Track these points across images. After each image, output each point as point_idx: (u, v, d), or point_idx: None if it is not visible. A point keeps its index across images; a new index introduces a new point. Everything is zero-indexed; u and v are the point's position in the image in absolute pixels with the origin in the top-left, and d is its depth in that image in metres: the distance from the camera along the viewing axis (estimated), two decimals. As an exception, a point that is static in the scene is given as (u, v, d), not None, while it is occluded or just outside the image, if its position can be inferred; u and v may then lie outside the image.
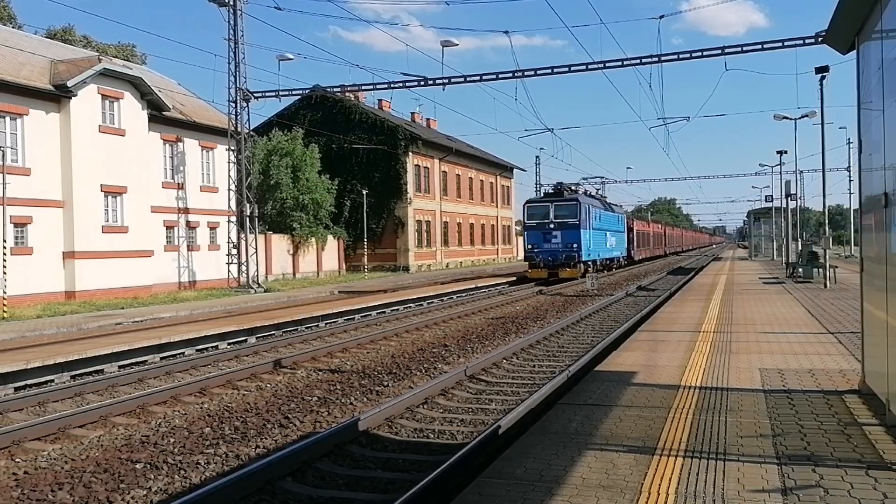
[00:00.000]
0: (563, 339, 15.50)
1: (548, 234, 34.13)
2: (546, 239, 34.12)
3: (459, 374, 10.84)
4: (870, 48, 5.96)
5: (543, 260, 33.82)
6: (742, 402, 6.80)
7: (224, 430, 8.29)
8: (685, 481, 4.62)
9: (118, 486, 6.40)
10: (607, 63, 27.01)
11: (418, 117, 59.34)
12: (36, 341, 14.51)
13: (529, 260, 34.77)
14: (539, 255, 34.10)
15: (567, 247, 33.59)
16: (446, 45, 30.54)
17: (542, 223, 34.56)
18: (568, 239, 33.75)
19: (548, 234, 34.13)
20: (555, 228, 34.00)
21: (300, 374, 11.72)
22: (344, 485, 6.39)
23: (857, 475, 4.64)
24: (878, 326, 5.89)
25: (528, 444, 5.63)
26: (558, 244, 33.74)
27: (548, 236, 34.11)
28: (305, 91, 33.47)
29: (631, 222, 53.55)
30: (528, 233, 35.31)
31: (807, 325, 12.74)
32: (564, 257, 33.60)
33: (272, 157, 39.22)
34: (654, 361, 9.23)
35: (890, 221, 5.24)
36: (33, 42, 28.55)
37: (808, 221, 71.82)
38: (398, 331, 16.52)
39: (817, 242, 29.88)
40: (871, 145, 6.01)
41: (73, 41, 45.79)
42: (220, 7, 28.83)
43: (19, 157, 23.07)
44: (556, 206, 34.60)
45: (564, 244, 33.65)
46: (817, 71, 23.41)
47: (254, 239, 30.48)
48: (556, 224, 34.00)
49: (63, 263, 24.41)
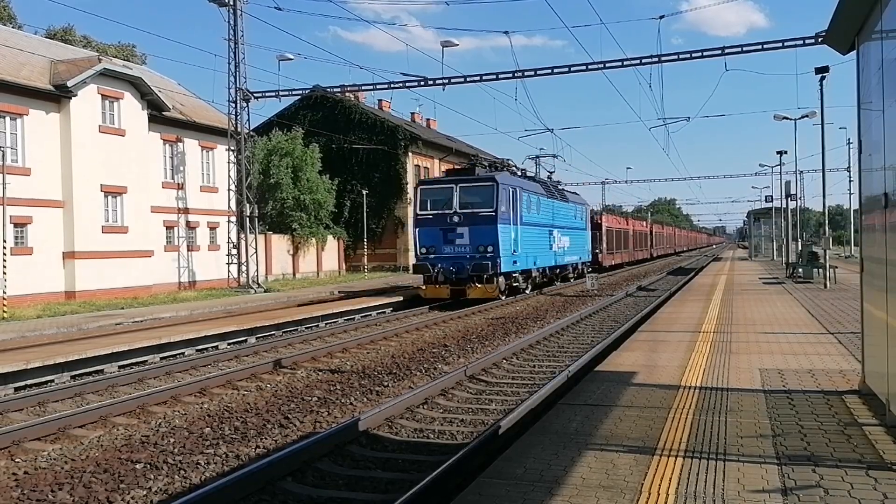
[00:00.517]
0: (563, 339, 15.50)
1: (450, 232, 23.16)
2: (447, 238, 23.16)
3: (459, 375, 10.84)
4: (870, 48, 5.96)
5: (444, 270, 22.66)
6: (742, 402, 6.80)
7: (224, 430, 8.28)
8: (685, 481, 4.62)
9: (118, 486, 6.40)
10: (607, 63, 27.01)
11: (418, 117, 59.32)
12: (36, 341, 14.51)
13: (422, 270, 23.20)
14: (437, 262, 22.90)
15: (478, 250, 22.67)
16: (446, 45, 30.53)
17: (442, 215, 23.37)
18: (480, 238, 22.77)
19: (450, 232, 23.16)
20: (460, 223, 23.06)
21: (300, 375, 11.72)
22: (344, 485, 6.39)
23: (857, 475, 4.64)
24: (879, 327, 5.88)
25: (529, 444, 5.63)
26: (465, 246, 22.91)
27: (450, 234, 23.14)
28: (305, 91, 33.46)
29: (599, 218, 43.67)
30: (421, 230, 23.83)
31: (807, 326, 12.74)
32: (474, 267, 22.36)
33: (272, 157, 39.22)
34: (654, 361, 9.23)
35: (890, 222, 5.24)
36: (33, 42, 28.55)
37: (808, 222, 71.88)
38: (398, 331, 16.52)
39: (817, 243, 29.92)
40: (871, 145, 6.01)
41: (73, 41, 45.79)
42: (220, 7, 28.84)
43: (19, 157, 23.07)
44: (462, 189, 23.35)
45: (475, 247, 22.73)
46: (817, 71, 23.42)
47: (254, 239, 30.47)
48: (463, 216, 23.04)
49: (63, 263, 24.41)
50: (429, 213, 23.72)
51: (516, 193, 24.77)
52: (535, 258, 27.31)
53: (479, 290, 22.51)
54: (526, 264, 25.98)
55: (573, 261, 34.15)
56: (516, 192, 24.79)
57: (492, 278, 22.66)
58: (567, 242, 32.42)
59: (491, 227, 22.89)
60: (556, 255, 30.58)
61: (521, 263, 25.23)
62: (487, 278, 22.58)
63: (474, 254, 22.78)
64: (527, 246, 25.84)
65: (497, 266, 22.67)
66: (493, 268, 22.51)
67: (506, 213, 23.64)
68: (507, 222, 23.79)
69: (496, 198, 22.95)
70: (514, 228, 24.42)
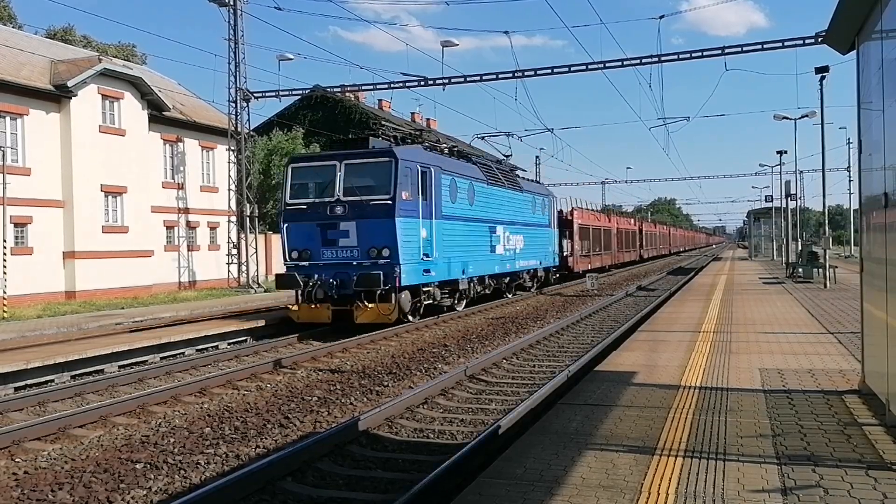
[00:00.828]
0: (563, 339, 15.50)
1: (330, 229, 16.60)
2: (327, 238, 16.65)
3: (459, 374, 10.84)
4: (870, 48, 5.96)
5: (323, 284, 16.32)
6: (742, 402, 6.81)
7: (224, 430, 8.29)
8: (685, 481, 4.62)
9: (118, 486, 6.40)
10: (607, 63, 27.01)
11: (418, 117, 59.32)
12: (36, 341, 14.51)
13: (290, 284, 16.82)
14: (313, 272, 16.53)
15: (370, 255, 16.27)
16: (446, 45, 30.52)
17: (321, 205, 16.75)
18: (372, 237, 16.28)
19: (330, 229, 16.60)
20: (344, 215, 16.47)
21: (300, 374, 11.73)
22: (344, 485, 6.39)
23: (857, 475, 4.64)
24: (878, 326, 5.89)
25: (528, 444, 5.63)
26: (352, 249, 16.44)
27: (330, 233, 16.61)
28: (305, 91, 33.45)
29: (570, 213, 36.35)
30: (291, 227, 17.11)
31: (807, 326, 12.75)
32: (359, 279, 15.97)
33: (272, 157, 39.21)
34: (654, 361, 9.23)
35: (890, 222, 5.24)
36: (33, 42, 28.56)
37: (808, 221, 71.89)
38: (398, 331, 16.52)
39: (817, 242, 29.92)
40: (871, 145, 6.01)
41: (73, 41, 45.81)
42: (220, 7, 28.84)
43: (19, 157, 23.07)
44: (349, 168, 16.70)
45: (365, 249, 16.32)
46: (817, 71, 23.44)
47: (254, 239, 30.49)
48: (349, 207, 16.43)
49: (63, 263, 24.42)
50: (301, 202, 16.83)
51: (430, 175, 17.55)
52: (466, 264, 19.90)
53: (369, 313, 15.83)
54: (449, 273, 18.67)
55: (530, 266, 26.81)
56: (430, 174, 17.55)
57: (388, 295, 15.94)
58: (520, 243, 25.15)
59: (386, 222, 15.90)
60: (501, 259, 23.16)
61: (439, 272, 17.99)
62: (382, 295, 15.88)
63: (364, 259, 16.11)
64: (450, 247, 18.66)
65: (395, 277, 15.79)
66: (388, 279, 15.67)
67: (411, 203, 16.64)
68: (414, 214, 16.75)
69: (394, 180, 16.02)
70: (426, 224, 17.28)
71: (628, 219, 58.55)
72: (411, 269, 16.66)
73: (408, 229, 16.59)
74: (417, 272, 17.02)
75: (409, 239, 16.64)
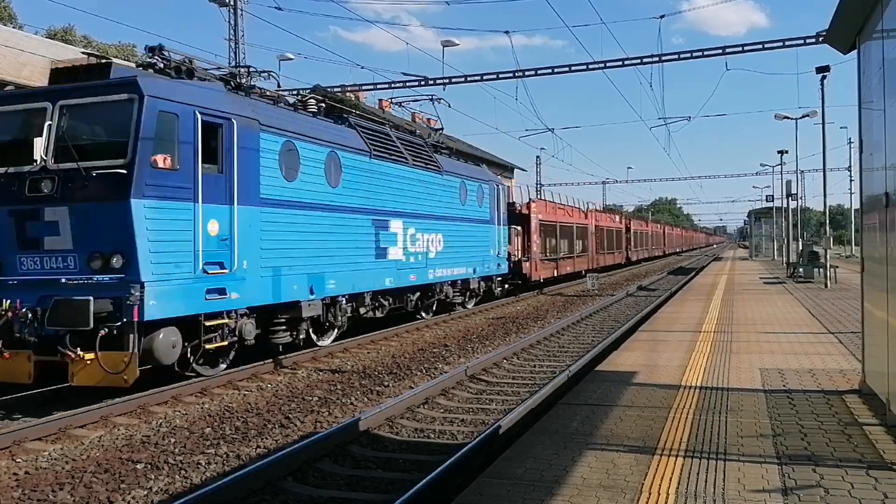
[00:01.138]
0: (564, 339, 15.50)
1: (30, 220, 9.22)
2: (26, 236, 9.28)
3: (460, 374, 10.85)
4: (871, 48, 5.96)
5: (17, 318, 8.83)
6: (742, 402, 6.81)
7: (225, 430, 8.29)
8: (685, 481, 4.62)
9: (119, 486, 6.40)
10: (608, 63, 26.97)
11: (419, 117, 59.32)
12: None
13: None
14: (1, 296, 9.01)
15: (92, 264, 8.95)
16: (446, 44, 30.52)
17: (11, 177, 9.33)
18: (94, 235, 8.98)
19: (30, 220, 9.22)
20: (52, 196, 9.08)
21: (301, 374, 11.72)
22: (344, 485, 6.39)
23: (857, 475, 4.64)
24: (879, 326, 5.89)
25: (529, 443, 5.63)
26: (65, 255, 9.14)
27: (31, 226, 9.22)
28: (306, 91, 33.45)
29: (526, 207, 28.75)
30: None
31: (807, 325, 12.74)
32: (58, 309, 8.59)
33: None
34: (655, 361, 9.23)
35: (891, 221, 5.24)
36: (33, 42, 28.54)
37: (809, 221, 71.86)
38: (398, 331, 16.51)
39: (818, 242, 29.90)
40: (872, 145, 6.01)
41: (73, 41, 45.82)
42: (220, 7, 28.87)
43: (20, 157, 23.04)
44: (66, 111, 9.30)
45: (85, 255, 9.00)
46: (818, 71, 23.46)
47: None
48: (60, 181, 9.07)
49: (64, 263, 24.35)
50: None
51: (227, 131, 10.41)
52: (321, 277, 12.89)
53: (88, 371, 8.85)
54: (276, 293, 11.64)
55: (456, 275, 19.34)
56: (226, 129, 10.40)
57: (119, 337, 8.89)
58: (437, 244, 18.02)
59: (116, 207, 8.95)
60: (399, 267, 16.09)
61: (248, 292, 10.86)
62: (107, 338, 8.78)
63: (85, 274, 9.05)
64: (282, 251, 11.72)
65: (133, 306, 8.81)
66: (119, 309, 8.84)
67: (175, 175, 9.58)
68: (182, 195, 9.67)
69: (135, 133, 9.04)
70: (218, 212, 10.20)
71: (611, 215, 48.87)
72: (175, 290, 9.45)
73: (165, 220, 9.36)
74: (192, 294, 9.77)
75: (170, 237, 9.41)
